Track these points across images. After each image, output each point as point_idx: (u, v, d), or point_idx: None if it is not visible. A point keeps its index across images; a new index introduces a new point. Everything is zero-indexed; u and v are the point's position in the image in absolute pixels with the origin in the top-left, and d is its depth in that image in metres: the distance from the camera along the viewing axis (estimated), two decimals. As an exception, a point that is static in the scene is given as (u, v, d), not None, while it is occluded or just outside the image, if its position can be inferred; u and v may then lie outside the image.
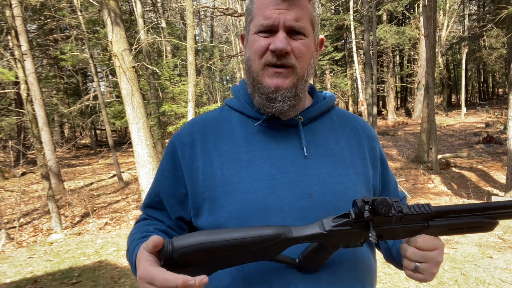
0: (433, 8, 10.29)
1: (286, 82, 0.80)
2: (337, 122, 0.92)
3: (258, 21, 0.79)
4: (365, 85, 15.15)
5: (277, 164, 0.81)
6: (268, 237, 0.67)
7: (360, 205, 0.67)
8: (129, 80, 6.35)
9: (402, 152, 12.99)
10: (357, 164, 0.88)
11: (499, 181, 8.28)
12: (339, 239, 0.71)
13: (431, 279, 0.73)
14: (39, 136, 7.49)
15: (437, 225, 0.73)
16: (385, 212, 0.66)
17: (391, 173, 1.01)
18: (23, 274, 4.83)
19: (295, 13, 0.77)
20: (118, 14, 6.29)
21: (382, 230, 0.71)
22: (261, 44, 0.79)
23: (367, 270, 0.86)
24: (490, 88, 35.23)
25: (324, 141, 0.87)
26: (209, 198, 0.80)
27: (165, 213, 0.91)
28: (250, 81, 0.84)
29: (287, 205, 0.78)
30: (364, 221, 0.70)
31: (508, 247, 4.38)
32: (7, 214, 8.13)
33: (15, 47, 7.27)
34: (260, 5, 0.79)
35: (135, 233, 0.86)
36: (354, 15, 21.56)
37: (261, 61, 0.79)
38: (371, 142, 0.94)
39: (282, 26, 0.77)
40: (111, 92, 20.46)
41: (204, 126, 0.89)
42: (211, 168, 0.82)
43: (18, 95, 12.51)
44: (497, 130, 14.90)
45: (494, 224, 0.75)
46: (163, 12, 16.19)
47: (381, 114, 23.69)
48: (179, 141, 0.88)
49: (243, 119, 0.88)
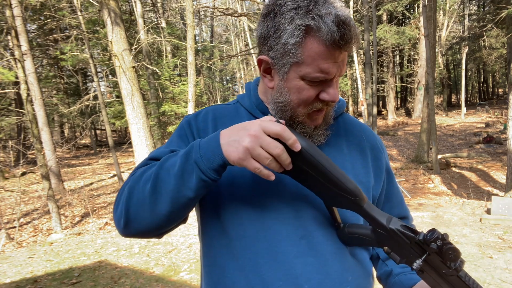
0: (433, 8, 10.29)
1: (321, 118, 0.82)
2: (342, 130, 0.92)
3: (311, 71, 0.72)
4: (365, 85, 15.16)
5: None
6: (347, 189, 0.71)
7: (435, 236, 0.65)
8: (129, 80, 6.35)
9: (402, 152, 12.99)
10: (358, 172, 0.88)
11: (499, 181, 8.28)
12: (390, 242, 0.73)
13: None
14: (39, 136, 7.48)
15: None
16: (449, 259, 0.65)
17: (397, 187, 1.00)
18: (23, 274, 4.83)
19: (345, 63, 0.75)
20: (118, 14, 6.30)
21: (426, 267, 0.70)
22: (311, 95, 0.75)
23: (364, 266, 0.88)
24: (490, 88, 35.24)
25: (327, 148, 0.87)
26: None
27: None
28: (283, 117, 0.81)
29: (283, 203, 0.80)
30: (423, 248, 0.69)
31: (508, 247, 4.38)
32: (7, 214, 8.13)
33: (15, 47, 7.27)
34: (314, 54, 0.71)
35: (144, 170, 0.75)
36: (354, 15, 21.55)
37: (308, 108, 0.78)
38: (376, 152, 0.93)
39: (336, 77, 0.75)
40: (111, 92, 20.47)
41: (217, 116, 0.90)
42: None
43: (18, 95, 12.51)
44: (497, 130, 14.90)
45: None
46: (163, 12, 16.19)
47: (381, 114, 23.69)
48: (194, 122, 0.89)
49: (250, 118, 0.89)
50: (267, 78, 0.82)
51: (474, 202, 6.78)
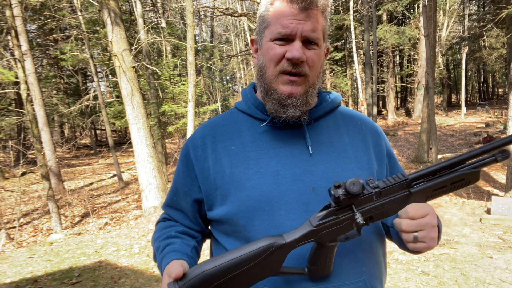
0: (433, 8, 10.29)
1: (298, 89, 0.84)
2: (341, 121, 0.96)
3: (275, 29, 0.82)
4: (365, 85, 15.16)
5: (282, 161, 0.86)
6: (261, 249, 0.70)
7: (334, 191, 0.70)
8: (129, 80, 6.35)
9: (402, 152, 12.99)
10: (361, 159, 0.91)
11: (499, 181, 8.28)
12: (332, 232, 0.74)
13: (434, 244, 0.75)
14: (39, 136, 7.48)
15: (419, 190, 0.74)
16: (357, 190, 0.69)
17: (401, 168, 1.02)
18: (23, 274, 4.83)
19: (311, 24, 0.81)
20: (118, 14, 6.29)
21: (368, 210, 0.73)
22: (277, 52, 0.82)
23: (374, 262, 0.88)
24: (490, 88, 35.22)
25: (328, 139, 0.91)
26: (220, 195, 0.87)
27: (182, 213, 0.98)
28: (263, 87, 0.88)
29: (292, 199, 0.82)
30: (347, 206, 0.72)
31: (508, 247, 4.38)
32: (7, 214, 8.13)
33: (15, 47, 7.27)
34: (277, 13, 0.82)
35: (158, 236, 0.95)
36: (354, 15, 21.55)
37: (276, 69, 0.83)
38: (376, 138, 0.98)
39: (299, 36, 0.80)
40: (111, 92, 20.46)
41: (214, 128, 0.95)
42: (221, 167, 0.88)
43: (18, 95, 12.51)
44: (497, 130, 14.89)
45: (477, 173, 0.75)
46: (163, 12, 16.19)
47: (381, 114, 23.68)
48: (192, 144, 0.95)
49: (250, 120, 0.93)
50: (255, 58, 0.91)
51: (474, 202, 6.78)
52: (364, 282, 0.83)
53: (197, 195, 0.93)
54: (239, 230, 0.84)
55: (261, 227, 0.82)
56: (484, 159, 0.75)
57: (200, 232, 1.00)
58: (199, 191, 0.92)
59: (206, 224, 1.00)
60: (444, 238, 4.85)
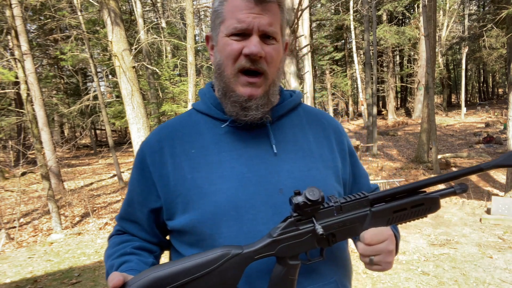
0: (433, 8, 10.29)
1: (259, 91, 0.80)
2: (304, 118, 0.94)
3: (230, 24, 0.78)
4: (365, 85, 15.15)
5: (247, 163, 0.82)
6: (214, 256, 0.67)
7: (294, 198, 0.69)
8: (129, 80, 6.35)
9: (402, 152, 12.99)
10: (326, 157, 0.89)
11: (499, 181, 8.28)
12: (292, 246, 0.71)
13: (389, 267, 0.76)
14: (39, 136, 7.48)
15: (379, 210, 0.75)
16: (316, 197, 0.67)
17: (362, 166, 1.02)
18: (23, 274, 4.83)
19: (268, 18, 0.77)
20: (118, 14, 6.29)
21: (329, 226, 0.72)
22: (234, 48, 0.78)
23: (344, 262, 0.88)
24: (490, 88, 35.23)
25: (293, 137, 0.88)
26: (182, 202, 0.80)
27: (138, 226, 0.90)
28: (221, 86, 0.83)
29: (259, 202, 0.78)
30: (307, 218, 0.71)
31: (508, 247, 4.38)
32: (7, 214, 8.13)
33: (15, 47, 7.27)
34: (232, 7, 0.78)
35: (112, 253, 0.86)
36: (354, 15, 21.56)
37: (235, 66, 0.79)
38: (339, 135, 0.96)
39: (256, 30, 0.77)
40: (111, 92, 20.47)
41: (171, 131, 0.88)
42: (181, 172, 0.82)
43: (18, 95, 12.51)
44: (497, 130, 14.89)
45: (436, 199, 0.77)
46: (163, 12, 16.19)
47: (381, 114, 23.69)
48: (148, 149, 0.87)
49: (210, 121, 0.88)
50: (212, 56, 0.87)
51: (474, 202, 6.78)
52: (336, 283, 0.83)
53: (155, 204, 0.85)
54: (205, 239, 0.78)
55: (229, 234, 0.77)
56: (444, 189, 0.78)
57: (157, 245, 0.93)
58: (157, 200, 0.85)
59: (164, 235, 0.93)
60: (444, 238, 4.86)
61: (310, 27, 22.88)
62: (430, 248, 4.56)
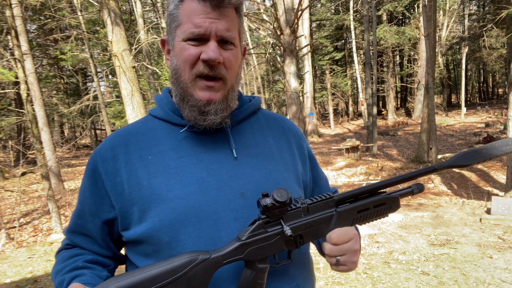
0: (433, 8, 10.29)
1: (217, 95, 0.79)
2: (264, 123, 0.94)
3: (187, 28, 0.76)
4: (365, 85, 15.15)
5: (207, 168, 0.80)
6: (181, 262, 0.64)
7: (262, 200, 0.69)
8: (129, 80, 6.35)
9: (402, 152, 12.99)
10: (286, 160, 0.90)
11: (499, 181, 8.28)
12: (261, 249, 0.71)
13: (355, 267, 0.78)
14: (39, 136, 7.48)
15: (344, 210, 0.77)
16: (284, 198, 0.68)
17: (321, 170, 1.04)
18: (23, 274, 4.83)
19: (226, 22, 0.76)
20: (118, 14, 6.30)
21: (297, 228, 0.73)
22: (191, 53, 0.76)
23: (306, 265, 0.88)
24: (490, 88, 35.23)
25: (253, 141, 0.88)
26: (138, 210, 0.77)
27: (90, 239, 0.85)
28: (179, 92, 0.82)
29: (220, 206, 0.77)
30: (275, 220, 0.72)
31: (508, 247, 4.38)
32: (7, 214, 8.13)
33: (15, 47, 7.27)
34: (188, 11, 0.76)
35: (61, 268, 0.81)
36: (354, 15, 21.57)
37: (192, 72, 0.78)
38: (298, 140, 0.97)
39: (214, 35, 0.76)
40: (111, 92, 20.47)
41: (126, 138, 0.85)
42: (137, 179, 0.79)
43: (18, 95, 12.51)
44: (497, 130, 14.89)
45: (396, 199, 0.81)
46: (163, 12, 16.19)
47: (381, 114, 23.69)
48: (100, 156, 0.83)
49: (168, 127, 0.86)
50: (168, 60, 0.85)
51: (474, 202, 6.78)
52: (298, 286, 0.82)
53: (108, 215, 0.81)
54: (162, 249, 0.75)
55: (188, 241, 0.74)
56: (403, 189, 0.83)
57: (111, 259, 0.88)
58: (111, 210, 0.81)
59: (119, 248, 0.88)
60: (444, 238, 4.86)
61: (310, 27, 22.89)
62: (430, 248, 4.56)
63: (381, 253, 4.48)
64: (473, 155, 0.79)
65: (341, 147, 13.20)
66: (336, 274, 3.94)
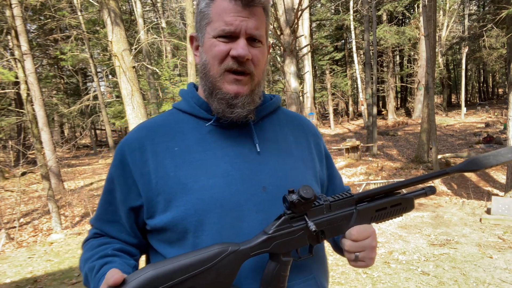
0: (433, 8, 10.29)
1: (244, 89, 0.82)
2: (284, 120, 0.97)
3: (218, 26, 0.79)
4: (365, 85, 15.15)
5: (231, 161, 0.83)
6: (213, 253, 0.68)
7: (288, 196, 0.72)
8: (129, 80, 6.35)
9: (402, 152, 12.99)
10: (305, 158, 0.93)
11: (499, 181, 8.28)
12: (286, 242, 0.74)
13: (372, 263, 0.81)
14: (39, 136, 7.49)
15: (364, 209, 0.81)
16: (310, 195, 0.71)
17: (336, 169, 1.08)
18: (23, 274, 4.83)
19: (255, 21, 0.79)
20: (118, 14, 6.29)
21: (320, 224, 0.77)
22: (221, 49, 0.79)
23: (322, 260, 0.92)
24: (490, 88, 35.23)
25: (274, 137, 0.91)
26: (164, 200, 0.80)
27: (118, 225, 0.88)
28: (207, 86, 0.84)
29: (244, 199, 0.80)
30: (300, 215, 0.75)
31: (508, 247, 4.38)
32: (7, 214, 8.13)
33: (15, 47, 7.27)
34: (219, 10, 0.79)
35: (90, 256, 0.83)
36: (354, 15, 21.57)
37: (221, 67, 0.80)
38: (316, 139, 1.01)
39: (244, 33, 0.79)
40: (111, 92, 20.48)
41: (152, 130, 0.87)
42: (164, 169, 0.81)
43: (18, 95, 12.51)
44: (497, 130, 14.89)
45: (411, 199, 0.86)
46: (163, 12, 16.20)
47: (381, 114, 23.69)
48: (127, 147, 0.86)
49: (194, 120, 0.88)
50: (197, 56, 0.88)
51: (474, 202, 6.78)
52: (314, 279, 0.85)
53: (135, 202, 0.83)
54: (186, 237, 0.78)
55: (212, 230, 0.77)
56: (416, 191, 0.87)
57: (137, 247, 0.90)
58: (138, 198, 0.83)
59: (144, 236, 0.90)
60: (444, 238, 4.86)
61: (310, 27, 22.88)
62: (430, 248, 4.56)
63: (381, 253, 4.48)
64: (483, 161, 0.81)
65: (341, 147, 13.20)
66: (336, 274, 3.94)
